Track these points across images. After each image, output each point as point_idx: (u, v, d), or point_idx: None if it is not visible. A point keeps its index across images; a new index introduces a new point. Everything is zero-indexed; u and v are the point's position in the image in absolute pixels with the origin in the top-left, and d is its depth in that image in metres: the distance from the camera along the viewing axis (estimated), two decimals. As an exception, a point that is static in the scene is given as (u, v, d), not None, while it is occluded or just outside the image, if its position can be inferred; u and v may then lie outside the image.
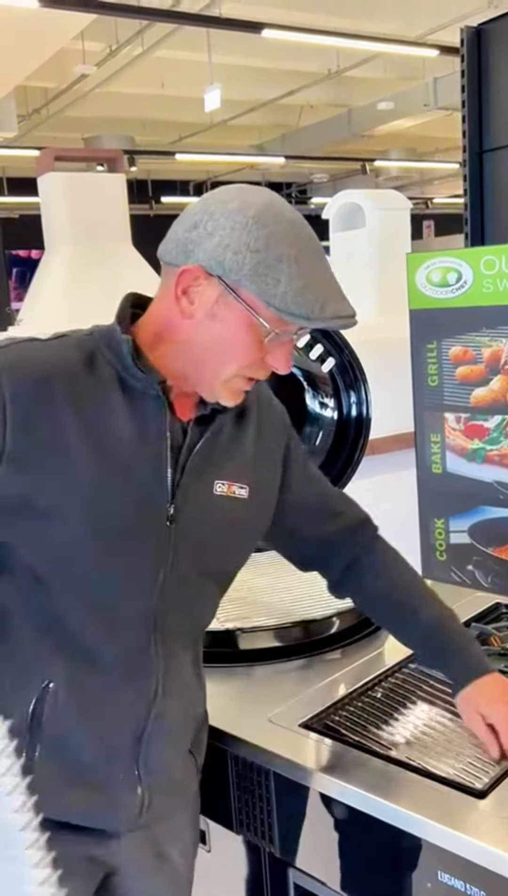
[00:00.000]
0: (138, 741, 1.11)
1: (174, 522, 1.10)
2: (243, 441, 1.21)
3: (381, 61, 8.97)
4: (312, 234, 1.07)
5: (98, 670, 1.09)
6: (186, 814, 1.25)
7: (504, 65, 3.00)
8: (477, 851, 0.99)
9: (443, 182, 15.24)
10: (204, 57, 8.02)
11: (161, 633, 1.12)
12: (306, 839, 1.23)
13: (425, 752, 1.19)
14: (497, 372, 2.74)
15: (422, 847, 1.05)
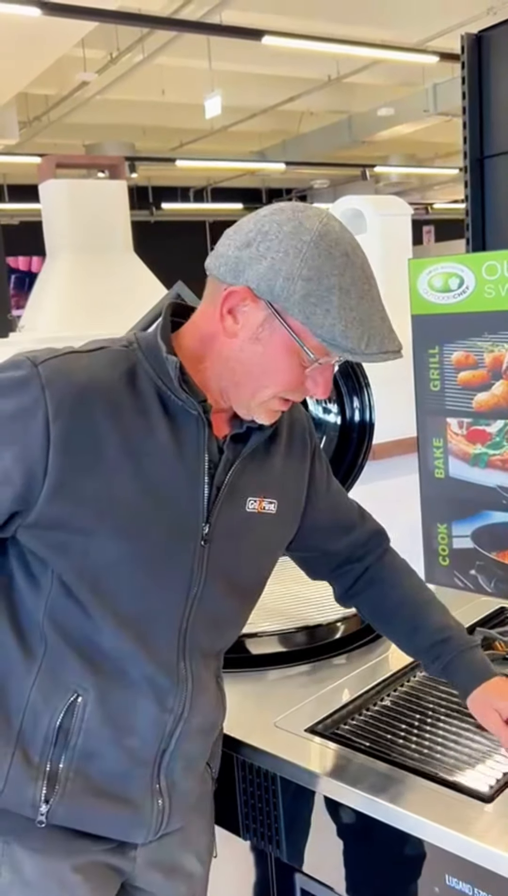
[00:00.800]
0: (162, 756, 1.12)
1: (208, 542, 1.10)
2: (274, 456, 1.20)
3: (381, 68, 9.02)
4: (364, 262, 1.05)
5: (127, 686, 1.09)
6: (201, 821, 1.25)
7: (504, 71, 3.02)
8: (484, 855, 1.00)
9: (443, 187, 15.28)
10: (204, 64, 8.06)
11: (190, 650, 1.12)
12: (313, 844, 1.23)
13: (431, 756, 1.20)
14: (500, 377, 2.74)
15: (429, 851, 1.06)
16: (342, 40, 7.09)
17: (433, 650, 1.29)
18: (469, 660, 1.28)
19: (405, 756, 1.20)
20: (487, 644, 1.56)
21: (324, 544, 1.33)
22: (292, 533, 1.27)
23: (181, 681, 1.11)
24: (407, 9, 7.42)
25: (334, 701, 1.35)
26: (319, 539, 1.32)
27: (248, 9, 6.96)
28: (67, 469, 1.00)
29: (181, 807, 1.15)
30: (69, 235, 5.65)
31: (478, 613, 1.68)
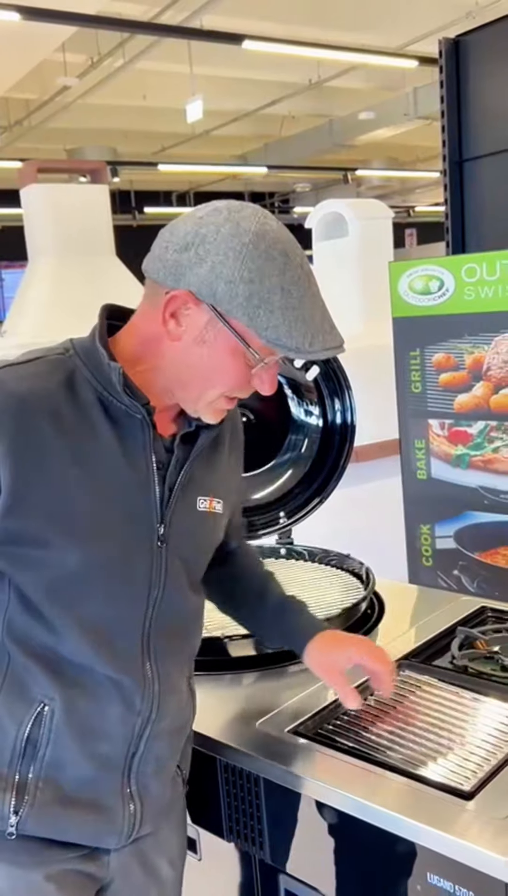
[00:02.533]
0: (131, 760, 1.12)
1: (165, 542, 1.11)
2: (220, 454, 1.22)
3: (361, 72, 9.06)
4: (303, 259, 1.06)
5: (93, 692, 1.09)
6: (172, 825, 1.26)
7: (482, 75, 3.04)
8: (465, 852, 1.00)
9: (425, 191, 15.37)
10: (186, 68, 8.07)
11: (155, 653, 1.12)
12: (297, 845, 1.23)
13: (413, 754, 1.20)
14: (480, 378, 2.77)
15: (411, 850, 1.06)
16: (323, 45, 7.11)
17: (274, 614, 1.34)
18: (300, 618, 1.34)
19: (387, 755, 1.21)
20: (469, 643, 1.57)
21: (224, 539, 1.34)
22: (223, 533, 1.29)
23: (148, 682, 1.11)
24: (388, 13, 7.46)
25: (317, 702, 1.35)
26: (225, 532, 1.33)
27: (229, 13, 6.98)
28: (17, 483, 1.00)
29: (153, 810, 1.16)
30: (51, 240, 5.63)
31: (461, 612, 1.69)
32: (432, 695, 1.38)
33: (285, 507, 2.08)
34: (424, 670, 1.47)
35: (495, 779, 1.12)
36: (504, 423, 2.74)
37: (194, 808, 1.38)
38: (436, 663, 1.51)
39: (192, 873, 1.45)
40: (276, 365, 1.09)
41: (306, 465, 2.08)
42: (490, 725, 1.27)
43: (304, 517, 2.05)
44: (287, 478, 2.09)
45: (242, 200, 3.96)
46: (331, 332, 1.07)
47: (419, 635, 1.60)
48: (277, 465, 2.09)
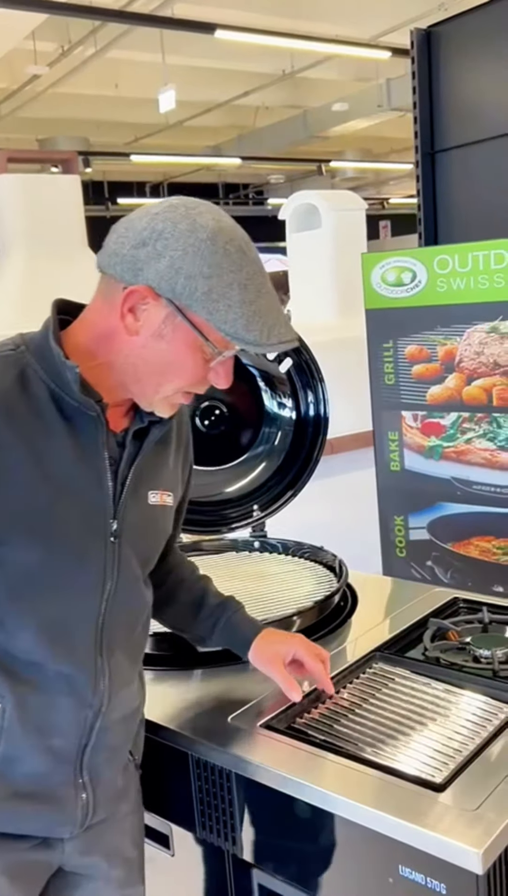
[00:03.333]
0: (82, 752, 1.14)
1: (118, 538, 1.13)
2: (168, 448, 1.24)
3: (335, 63, 9.03)
4: (257, 255, 1.08)
5: (45, 688, 1.10)
6: (129, 806, 1.27)
7: (453, 66, 3.04)
8: (436, 845, 1.00)
9: (399, 182, 15.39)
10: (158, 58, 8.00)
11: (107, 647, 1.14)
12: (270, 839, 1.23)
13: (385, 747, 1.20)
14: (453, 370, 2.77)
15: (383, 842, 1.06)
16: (295, 35, 7.09)
17: (210, 618, 1.38)
18: (239, 619, 1.38)
19: (359, 748, 1.20)
20: (441, 634, 1.57)
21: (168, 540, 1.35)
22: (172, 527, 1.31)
23: (99, 676, 1.13)
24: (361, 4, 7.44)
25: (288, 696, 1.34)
26: None
27: (201, 2, 6.92)
28: None
29: (106, 798, 1.17)
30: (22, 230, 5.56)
31: (433, 604, 1.69)
32: (404, 686, 1.38)
33: (258, 500, 2.07)
34: (396, 662, 1.47)
35: (466, 770, 1.12)
36: (476, 415, 2.75)
37: (166, 804, 1.37)
38: (409, 655, 1.51)
39: (165, 869, 1.45)
40: (231, 359, 1.11)
41: (280, 457, 2.07)
42: (462, 717, 1.28)
43: (278, 510, 2.04)
44: (261, 470, 2.08)
45: (215, 192, 3.99)
46: (286, 325, 1.08)
47: (392, 627, 1.60)
48: (250, 458, 2.08)
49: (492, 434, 2.74)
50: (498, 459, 2.74)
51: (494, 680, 1.38)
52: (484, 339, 2.68)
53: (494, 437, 2.73)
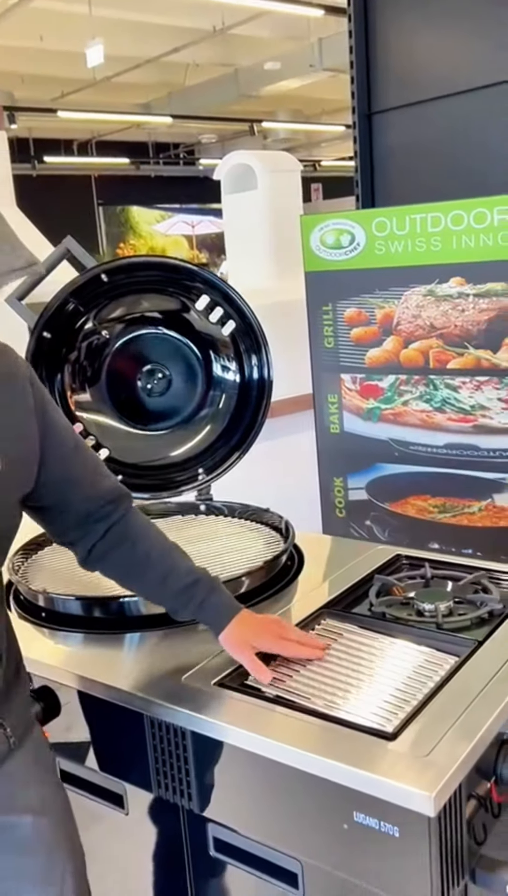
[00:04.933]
0: None
1: None
2: None
3: (266, 20, 8.88)
4: None
5: None
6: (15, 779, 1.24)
7: (391, 25, 3.03)
8: (389, 790, 1.04)
9: (330, 144, 15.32)
10: (84, 9, 7.73)
11: None
12: (225, 793, 1.25)
13: (336, 700, 1.24)
14: (390, 333, 2.81)
15: (336, 791, 1.09)
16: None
17: (185, 593, 1.35)
18: (216, 600, 1.35)
19: (311, 702, 1.23)
20: (386, 590, 1.62)
21: (62, 502, 1.31)
22: (24, 488, 1.24)
23: None
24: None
25: (241, 654, 1.37)
26: (56, 496, 1.30)
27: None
28: None
29: None
30: None
31: (377, 561, 1.73)
32: (352, 641, 1.42)
33: (203, 464, 2.08)
34: (344, 618, 1.51)
35: (416, 719, 1.16)
36: (413, 377, 2.80)
37: (120, 765, 1.38)
38: (355, 611, 1.55)
39: (119, 829, 1.47)
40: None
41: (225, 420, 2.07)
42: (409, 668, 1.32)
43: (223, 473, 2.05)
44: (206, 433, 2.08)
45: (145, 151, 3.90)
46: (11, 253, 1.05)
47: (338, 584, 1.64)
48: (195, 421, 2.08)
49: (428, 396, 2.79)
50: (434, 421, 2.80)
51: (438, 632, 1.43)
52: (421, 302, 2.72)
53: (430, 398, 2.79)
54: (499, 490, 2.73)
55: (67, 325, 1.97)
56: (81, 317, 1.98)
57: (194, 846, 1.37)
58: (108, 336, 2.04)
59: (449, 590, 1.59)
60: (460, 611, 1.50)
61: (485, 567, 1.68)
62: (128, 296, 2.00)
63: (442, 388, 2.75)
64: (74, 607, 1.56)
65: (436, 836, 1.02)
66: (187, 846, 1.38)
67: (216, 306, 2.06)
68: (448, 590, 1.59)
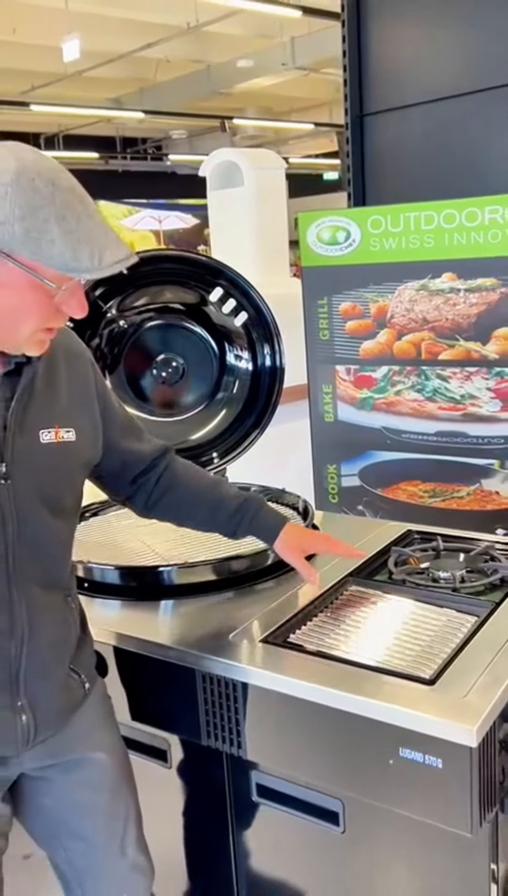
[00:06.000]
0: (15, 679, 1.21)
1: (9, 478, 1.18)
2: (57, 391, 1.28)
3: (239, 18, 8.96)
4: (73, 184, 1.09)
5: None
6: (90, 721, 1.36)
7: (381, 33, 3.16)
8: (434, 725, 1.17)
9: (298, 141, 15.46)
10: (60, 3, 7.75)
11: (18, 579, 1.20)
12: (273, 740, 1.37)
13: (375, 653, 1.36)
14: (384, 325, 2.94)
15: (383, 729, 1.22)
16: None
17: (236, 516, 1.54)
18: (265, 514, 1.57)
19: (353, 654, 1.36)
20: (403, 560, 1.75)
21: (119, 467, 1.46)
22: (97, 456, 1.37)
23: (15, 606, 1.20)
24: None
25: (280, 616, 1.49)
26: (114, 462, 1.44)
27: None
28: None
29: (46, 717, 1.26)
30: None
31: (390, 536, 1.86)
32: (381, 603, 1.55)
33: (218, 448, 2.19)
34: (368, 584, 1.64)
35: (450, 667, 1.29)
36: (405, 368, 2.93)
37: (169, 718, 1.49)
38: (377, 578, 1.68)
39: (163, 781, 1.58)
40: (79, 288, 1.13)
41: (239, 405, 2.19)
42: (436, 625, 1.45)
43: (237, 456, 2.16)
44: (221, 418, 2.19)
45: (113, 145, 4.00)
46: (116, 245, 1.10)
47: (358, 556, 1.76)
48: (211, 405, 2.19)
49: (420, 386, 2.93)
50: (425, 409, 2.94)
51: (456, 595, 1.56)
52: (414, 297, 2.85)
53: (422, 388, 2.93)
54: (487, 475, 2.88)
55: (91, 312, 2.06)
56: (105, 304, 2.08)
57: (236, 793, 1.49)
58: (127, 325, 2.13)
59: (461, 560, 1.72)
60: (473, 578, 1.64)
61: (492, 540, 1.82)
62: (152, 286, 2.10)
63: (433, 379, 2.89)
64: (113, 576, 1.67)
65: (476, 765, 1.15)
66: (230, 794, 1.49)
67: (230, 297, 2.17)
68: (460, 560, 1.72)
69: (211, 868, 1.59)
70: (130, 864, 1.41)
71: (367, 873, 1.38)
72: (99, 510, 2.09)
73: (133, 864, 1.41)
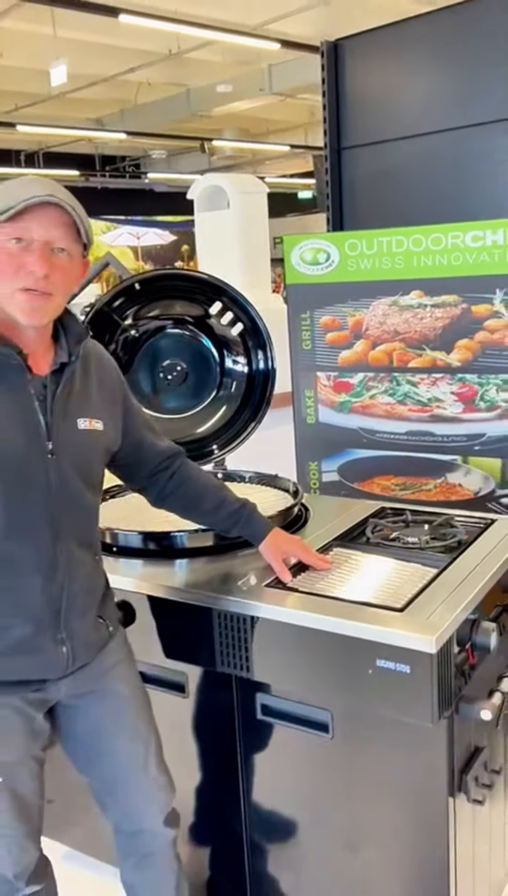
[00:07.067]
0: (58, 616, 1.50)
1: (55, 454, 1.47)
2: (90, 389, 1.57)
3: (219, 46, 9.37)
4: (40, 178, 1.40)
5: (19, 573, 1.46)
6: (112, 659, 1.64)
7: (357, 75, 3.54)
8: (403, 638, 1.51)
9: (274, 162, 15.91)
10: (48, 30, 8.10)
11: (61, 536, 1.49)
12: (275, 663, 1.70)
13: (358, 593, 1.70)
14: (360, 337, 3.30)
15: (363, 645, 1.56)
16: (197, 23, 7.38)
17: (233, 517, 1.84)
18: (257, 519, 1.85)
19: (339, 593, 1.70)
20: (378, 529, 2.09)
21: (137, 459, 1.75)
22: (116, 445, 1.65)
23: (59, 559, 1.49)
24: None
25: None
26: (132, 455, 1.72)
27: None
28: None
29: (82, 649, 1.54)
30: None
31: (367, 511, 2.21)
32: (360, 559, 1.89)
33: (218, 441, 2.53)
34: (349, 546, 1.99)
35: (416, 601, 1.64)
36: (379, 375, 3.29)
37: (190, 651, 1.82)
38: (357, 542, 2.02)
39: (179, 710, 1.90)
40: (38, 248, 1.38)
41: (236, 402, 2.53)
42: (405, 574, 1.80)
43: (236, 447, 2.50)
44: (221, 414, 2.54)
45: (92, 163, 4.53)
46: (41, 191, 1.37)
47: (340, 526, 2.11)
48: (212, 403, 2.53)
49: (392, 390, 3.29)
50: (397, 411, 3.30)
51: (421, 553, 1.91)
52: (387, 311, 3.22)
53: (394, 392, 3.29)
54: (451, 470, 3.24)
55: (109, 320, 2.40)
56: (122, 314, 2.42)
57: (244, 714, 1.82)
58: (139, 333, 2.47)
59: (426, 529, 2.08)
60: (435, 542, 1.99)
61: (449, 513, 2.17)
62: (163, 300, 2.44)
63: (404, 384, 3.25)
64: (136, 540, 2.00)
65: (436, 669, 1.50)
66: (239, 715, 1.82)
67: (228, 311, 2.52)
68: (425, 529, 2.08)
69: (220, 781, 1.92)
70: (153, 779, 1.70)
71: (350, 771, 1.71)
72: (117, 493, 2.41)
73: (155, 779, 1.70)
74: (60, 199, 1.39)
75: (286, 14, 8.01)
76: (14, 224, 1.37)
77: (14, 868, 1.58)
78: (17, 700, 1.51)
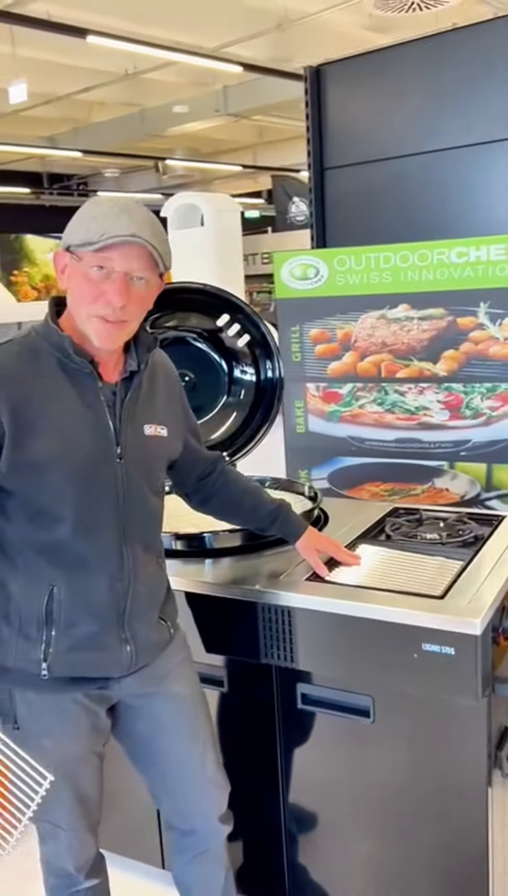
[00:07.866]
0: (122, 616, 1.55)
1: (123, 458, 1.53)
2: (156, 397, 1.64)
3: (176, 67, 9.51)
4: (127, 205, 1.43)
5: (87, 571, 1.51)
6: (176, 660, 1.70)
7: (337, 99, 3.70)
8: (448, 622, 1.62)
9: (224, 182, 16.10)
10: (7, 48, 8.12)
11: (128, 539, 1.54)
12: (318, 652, 1.79)
13: (396, 582, 1.81)
14: (349, 348, 3.42)
15: (407, 631, 1.66)
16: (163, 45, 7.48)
17: (270, 516, 1.90)
18: (293, 518, 1.93)
19: (381, 583, 1.80)
20: (397, 527, 2.21)
21: (188, 464, 1.81)
22: (178, 452, 1.73)
23: (125, 560, 1.54)
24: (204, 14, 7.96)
25: (315, 564, 1.92)
26: (185, 460, 1.79)
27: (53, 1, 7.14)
28: (13, 429, 1.42)
29: (144, 648, 1.59)
30: None
31: (381, 511, 2.32)
32: (386, 555, 2.00)
33: (229, 448, 2.62)
34: (374, 543, 2.09)
35: (452, 588, 1.75)
36: (367, 385, 3.42)
37: (234, 644, 1.90)
38: (379, 539, 2.13)
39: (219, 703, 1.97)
40: (119, 278, 1.43)
41: (246, 409, 2.63)
42: (433, 566, 1.92)
43: (246, 454, 2.59)
44: (232, 420, 2.63)
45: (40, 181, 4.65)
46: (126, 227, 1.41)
47: (360, 525, 2.22)
48: (223, 407, 2.62)
49: (380, 400, 3.42)
50: (385, 420, 3.43)
51: (443, 548, 2.03)
52: (375, 324, 3.35)
53: (382, 402, 3.42)
54: (438, 475, 3.38)
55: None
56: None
57: (284, 705, 1.90)
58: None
59: (442, 526, 2.20)
60: (452, 538, 2.11)
61: (462, 511, 2.30)
62: (179, 311, 2.53)
63: (392, 394, 3.39)
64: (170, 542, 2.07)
65: (481, 650, 1.61)
66: (279, 706, 1.91)
67: (236, 323, 2.62)
68: (440, 526, 2.20)
69: (259, 772, 1.99)
70: (209, 778, 1.73)
71: (392, 753, 1.81)
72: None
73: (211, 778, 1.74)
74: (142, 238, 1.43)
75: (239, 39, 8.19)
76: (97, 254, 1.43)
77: (75, 862, 1.63)
78: (81, 696, 1.56)
